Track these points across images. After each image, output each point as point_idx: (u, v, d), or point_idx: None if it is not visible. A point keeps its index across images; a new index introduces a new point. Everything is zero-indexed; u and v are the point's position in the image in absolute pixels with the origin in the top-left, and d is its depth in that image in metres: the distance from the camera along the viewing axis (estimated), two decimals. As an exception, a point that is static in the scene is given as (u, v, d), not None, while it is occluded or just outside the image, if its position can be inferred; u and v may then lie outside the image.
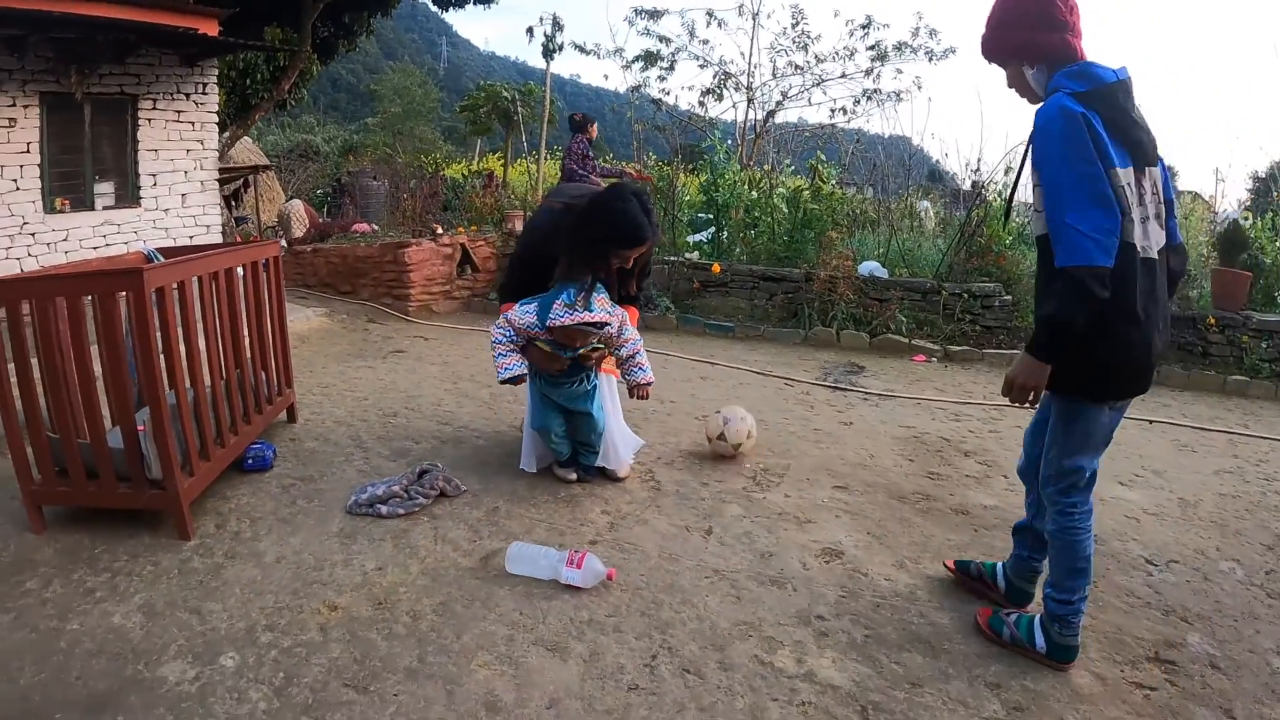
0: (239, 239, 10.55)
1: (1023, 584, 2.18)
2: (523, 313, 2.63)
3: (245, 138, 16.99)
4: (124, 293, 2.25)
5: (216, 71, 6.55)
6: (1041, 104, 1.76)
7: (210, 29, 5.97)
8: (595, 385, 2.80)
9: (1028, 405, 1.82)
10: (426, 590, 2.12)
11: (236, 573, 2.22)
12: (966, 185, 8.86)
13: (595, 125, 6.95)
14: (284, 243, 9.09)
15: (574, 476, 2.86)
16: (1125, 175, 1.71)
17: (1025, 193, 2.91)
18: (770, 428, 3.64)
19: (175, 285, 2.52)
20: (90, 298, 2.29)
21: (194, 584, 2.16)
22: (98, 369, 2.38)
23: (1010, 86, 1.91)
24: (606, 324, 2.57)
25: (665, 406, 3.94)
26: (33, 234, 5.40)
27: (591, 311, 2.52)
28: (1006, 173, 6.89)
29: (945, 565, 2.37)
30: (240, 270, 3.08)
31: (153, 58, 6.00)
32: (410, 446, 3.24)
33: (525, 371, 2.65)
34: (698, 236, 7.69)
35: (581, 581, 2.09)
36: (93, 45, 5.33)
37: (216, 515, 2.60)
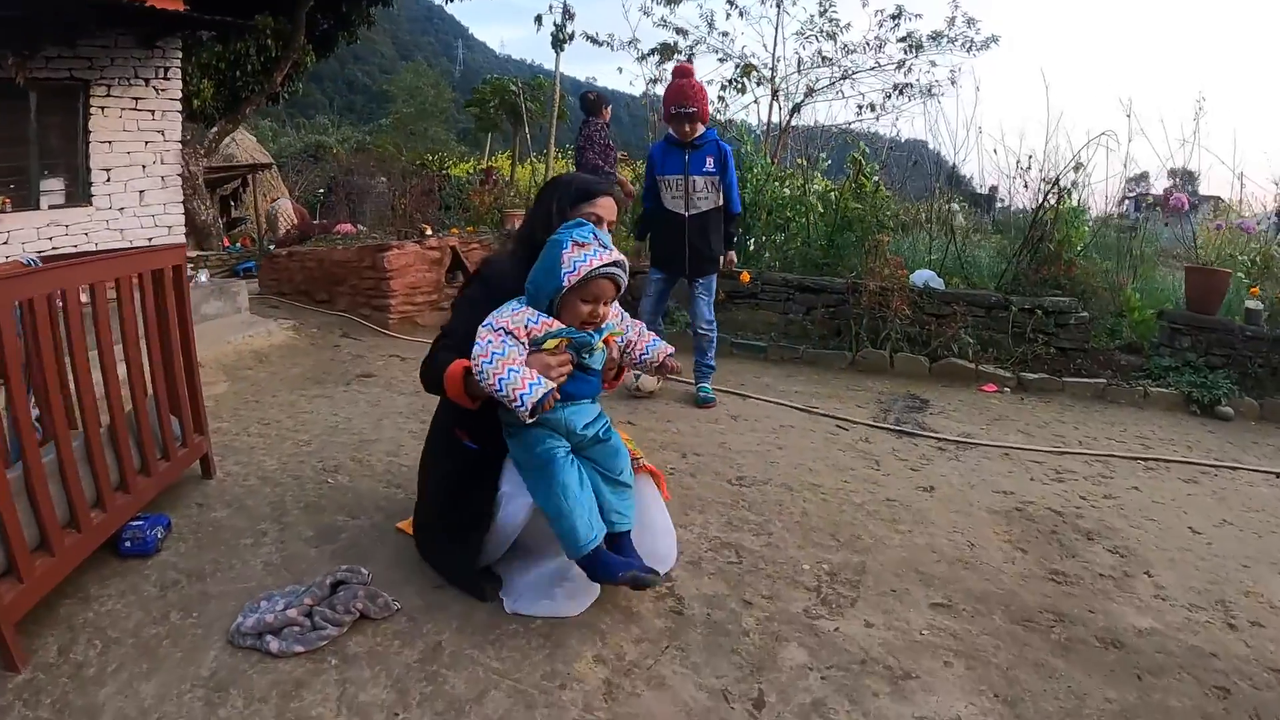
0: (246, 242, 9.83)
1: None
2: (508, 310, 1.83)
3: (249, 136, 16.37)
4: None
5: (180, 54, 5.77)
6: (720, 142, 3.85)
7: (174, 3, 5.18)
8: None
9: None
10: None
11: (53, 747, 1.42)
12: (984, 189, 8.11)
13: (609, 108, 6.02)
14: (270, 245, 8.35)
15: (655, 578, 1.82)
16: None
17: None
18: (829, 499, 2.74)
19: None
20: None
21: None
22: None
23: (689, 132, 3.77)
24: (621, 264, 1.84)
25: (687, 461, 3.07)
26: (-32, 237, 4.66)
27: (608, 249, 1.81)
28: (1078, 170, 5.94)
29: None
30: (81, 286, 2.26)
31: (107, 39, 5.23)
32: (343, 525, 2.40)
33: (553, 386, 1.72)
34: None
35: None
36: (35, 25, 4.58)
37: (67, 629, 1.83)
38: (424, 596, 1.97)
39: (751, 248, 6.35)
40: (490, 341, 1.75)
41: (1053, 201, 5.49)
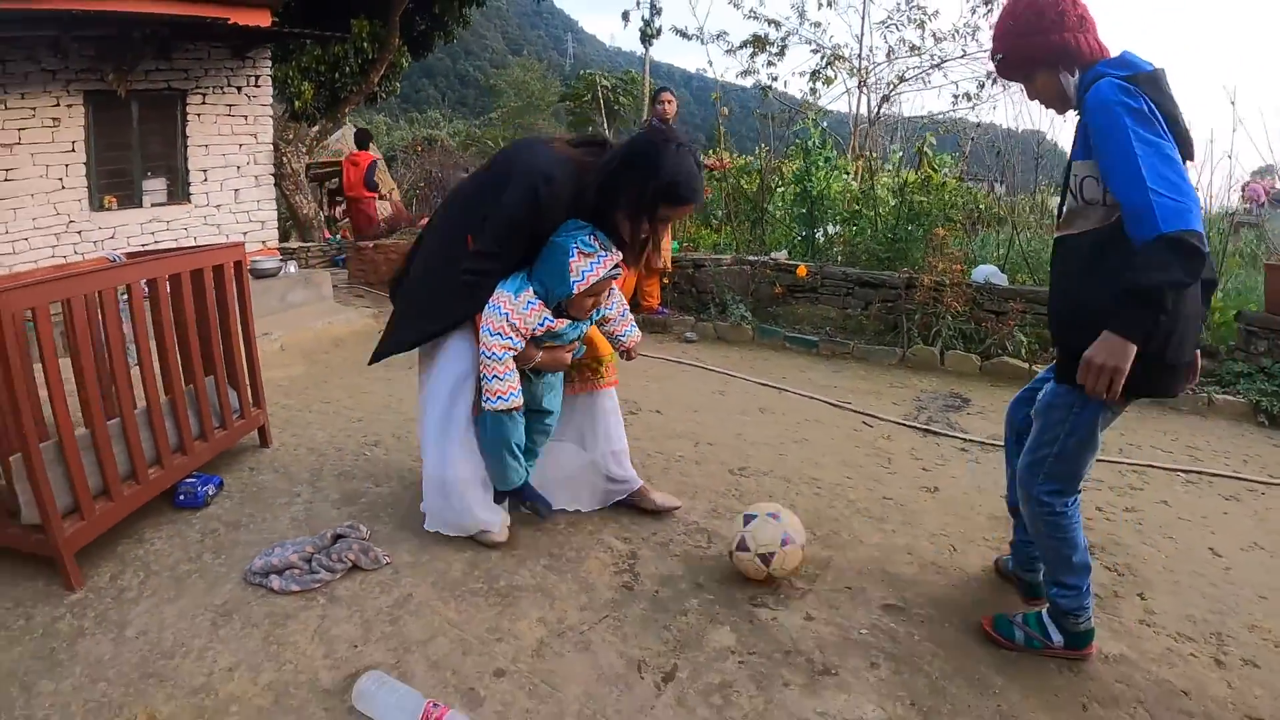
0: (345, 234, 10.63)
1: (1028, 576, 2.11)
2: (525, 306, 2.03)
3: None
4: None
5: (270, 63, 6.40)
6: (1090, 90, 1.64)
7: (261, 19, 5.76)
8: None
9: (1105, 398, 1.62)
10: (261, 715, 1.59)
11: (90, 645, 1.82)
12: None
13: (672, 102, 5.25)
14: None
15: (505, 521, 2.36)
16: None
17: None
18: (823, 494, 2.78)
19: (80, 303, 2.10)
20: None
21: (45, 651, 1.79)
22: None
23: (1036, 98, 1.83)
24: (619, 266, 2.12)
25: (697, 450, 3.18)
26: (79, 232, 5.41)
27: (608, 251, 2.05)
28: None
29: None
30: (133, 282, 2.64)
31: (200, 51, 5.89)
32: (366, 490, 2.70)
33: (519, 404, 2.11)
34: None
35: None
36: (130, 42, 5.22)
37: (119, 562, 2.22)
38: (414, 555, 2.22)
39: (821, 240, 6.32)
40: (501, 335, 2.01)
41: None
